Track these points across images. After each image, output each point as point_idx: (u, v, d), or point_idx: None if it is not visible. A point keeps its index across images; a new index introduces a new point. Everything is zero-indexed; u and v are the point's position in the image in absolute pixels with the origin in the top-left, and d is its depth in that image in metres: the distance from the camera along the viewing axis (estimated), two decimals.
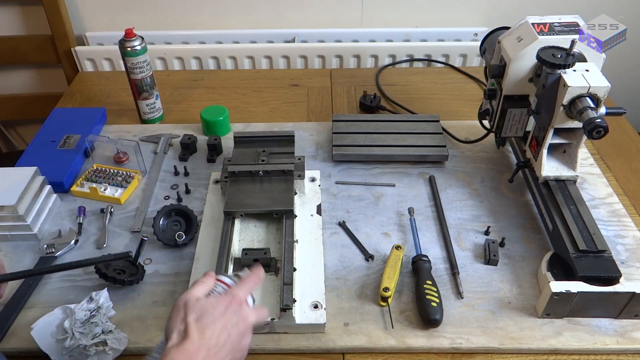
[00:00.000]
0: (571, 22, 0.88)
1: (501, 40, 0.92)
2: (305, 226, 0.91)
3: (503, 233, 0.91)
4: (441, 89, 1.33)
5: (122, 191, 0.99)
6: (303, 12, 1.49)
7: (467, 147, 1.10)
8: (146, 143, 1.13)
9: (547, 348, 0.74)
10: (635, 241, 0.89)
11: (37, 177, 0.94)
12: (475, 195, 0.99)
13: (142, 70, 1.11)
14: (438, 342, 0.75)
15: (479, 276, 0.84)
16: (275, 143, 1.02)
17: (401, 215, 0.95)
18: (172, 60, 1.48)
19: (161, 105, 1.21)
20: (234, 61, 1.49)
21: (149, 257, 0.88)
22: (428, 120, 1.14)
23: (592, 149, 1.11)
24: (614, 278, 0.75)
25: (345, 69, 1.48)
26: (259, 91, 1.33)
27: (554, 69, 0.80)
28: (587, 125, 0.75)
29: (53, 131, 1.11)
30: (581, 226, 0.81)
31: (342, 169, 1.05)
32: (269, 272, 0.82)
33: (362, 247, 0.89)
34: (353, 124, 1.13)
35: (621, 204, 0.96)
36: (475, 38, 1.50)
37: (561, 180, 0.89)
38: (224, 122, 1.14)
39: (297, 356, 0.75)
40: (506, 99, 0.93)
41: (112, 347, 0.72)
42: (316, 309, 0.77)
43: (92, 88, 1.36)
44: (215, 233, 0.89)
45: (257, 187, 0.92)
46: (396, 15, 1.50)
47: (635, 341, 0.74)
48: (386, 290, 0.78)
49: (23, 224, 0.89)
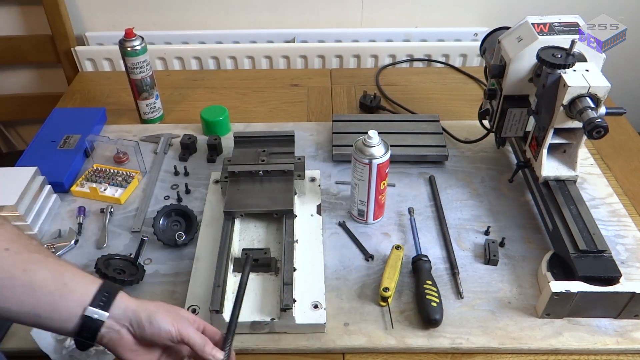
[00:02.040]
0: (571, 22, 0.88)
1: (501, 40, 0.92)
2: (305, 226, 0.91)
3: (503, 233, 0.91)
4: (441, 89, 1.33)
5: (122, 191, 0.99)
6: (303, 12, 1.49)
7: (467, 147, 1.10)
8: (146, 143, 1.13)
9: (547, 348, 0.74)
10: (635, 241, 0.89)
11: (37, 177, 0.94)
12: (475, 195, 0.99)
13: (142, 70, 1.11)
14: (438, 342, 0.75)
15: (479, 276, 0.84)
16: (275, 143, 1.02)
17: (401, 215, 0.95)
18: (172, 60, 1.48)
19: (161, 105, 1.21)
20: (234, 61, 1.49)
21: (149, 257, 0.88)
22: (428, 120, 1.14)
23: (592, 149, 1.11)
24: (614, 278, 0.75)
25: (345, 69, 1.48)
26: (259, 91, 1.33)
27: (554, 69, 0.80)
28: (587, 125, 0.75)
29: (53, 131, 1.11)
30: (581, 226, 0.81)
31: (342, 169, 1.05)
32: (269, 272, 0.82)
33: (362, 247, 0.89)
34: (353, 124, 1.13)
35: (621, 204, 0.96)
36: (475, 38, 1.50)
37: (561, 180, 0.89)
38: (224, 122, 1.14)
39: (297, 356, 0.75)
40: (506, 99, 0.93)
41: None
42: (316, 309, 0.77)
43: (92, 88, 1.36)
44: (215, 233, 0.89)
45: (257, 187, 0.92)
46: (396, 15, 1.50)
47: (635, 341, 0.74)
48: (386, 290, 0.78)
49: (23, 224, 0.89)
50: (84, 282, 0.58)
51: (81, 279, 0.59)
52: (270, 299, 0.78)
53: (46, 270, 0.57)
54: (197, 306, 0.77)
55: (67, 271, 0.58)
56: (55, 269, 0.57)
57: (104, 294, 0.58)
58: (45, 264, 0.57)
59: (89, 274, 0.60)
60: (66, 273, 0.58)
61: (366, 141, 0.84)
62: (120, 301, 0.58)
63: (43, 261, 0.57)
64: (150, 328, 0.59)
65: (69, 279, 0.57)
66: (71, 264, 0.60)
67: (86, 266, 0.86)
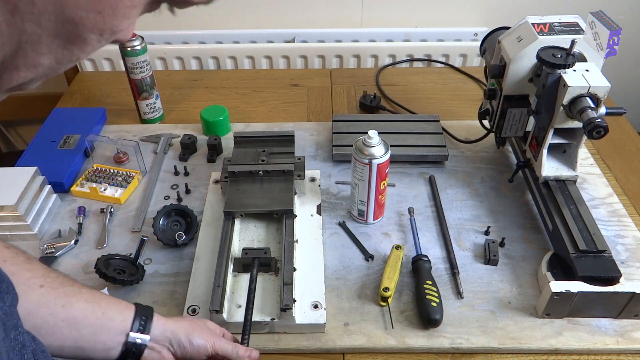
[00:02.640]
0: (571, 22, 0.88)
1: (501, 40, 0.92)
2: (305, 226, 0.91)
3: (503, 233, 0.91)
4: (441, 89, 1.33)
5: (122, 191, 0.99)
6: (303, 12, 1.49)
7: (467, 147, 1.10)
8: (146, 143, 1.13)
9: (547, 348, 0.74)
10: (635, 241, 0.89)
11: (37, 177, 0.94)
12: (475, 195, 0.99)
13: (142, 70, 1.11)
14: (438, 342, 0.75)
15: (479, 276, 0.84)
16: (275, 143, 1.02)
17: (401, 215, 0.95)
18: (172, 60, 1.48)
19: (161, 105, 1.21)
20: (234, 61, 1.49)
21: (149, 257, 0.88)
22: (428, 120, 1.14)
23: (592, 149, 1.11)
24: (614, 278, 0.75)
25: (345, 69, 1.48)
26: (259, 91, 1.33)
27: (554, 69, 0.80)
28: (587, 125, 0.75)
29: (53, 131, 1.11)
30: (581, 226, 0.81)
31: (342, 169, 1.05)
32: (269, 272, 0.82)
33: (362, 247, 0.89)
34: (353, 124, 1.13)
35: (621, 204, 0.96)
36: (475, 38, 1.50)
37: (561, 180, 0.89)
38: (224, 122, 1.14)
39: (297, 356, 0.75)
40: (506, 99, 0.93)
41: None
42: (316, 309, 0.77)
43: (92, 88, 1.36)
44: (215, 233, 0.89)
45: (257, 187, 0.92)
46: (396, 15, 1.50)
47: (635, 341, 0.74)
48: (386, 290, 0.78)
49: (23, 224, 0.89)
50: (120, 309, 0.60)
51: (117, 306, 0.61)
52: (270, 299, 0.78)
53: (83, 302, 0.58)
54: (197, 306, 0.78)
55: (102, 300, 0.60)
56: (91, 299, 0.59)
57: (142, 317, 0.61)
58: (81, 296, 0.58)
59: (121, 300, 0.62)
60: (102, 302, 0.59)
61: (366, 141, 0.84)
62: (157, 323, 0.61)
63: (77, 293, 0.58)
64: (190, 347, 0.62)
65: (106, 308, 0.59)
66: (102, 292, 0.62)
67: (86, 266, 0.86)
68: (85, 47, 0.34)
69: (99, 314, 0.58)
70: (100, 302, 0.59)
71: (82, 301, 0.58)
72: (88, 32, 0.33)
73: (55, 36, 0.32)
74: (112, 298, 0.62)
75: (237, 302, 0.78)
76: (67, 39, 0.33)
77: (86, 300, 0.58)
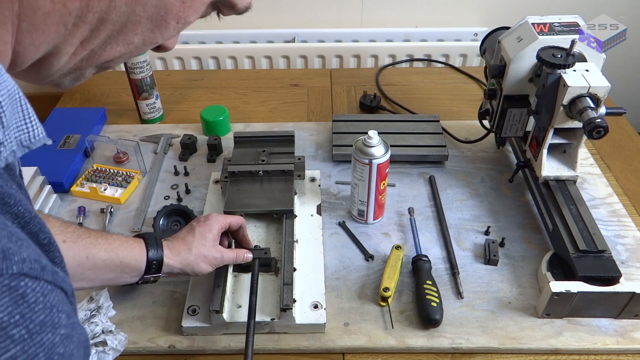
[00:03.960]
0: (571, 22, 0.88)
1: (501, 40, 0.92)
2: (305, 226, 0.91)
3: (503, 233, 0.91)
4: (441, 89, 1.33)
5: (122, 191, 0.99)
6: (303, 12, 1.49)
7: (467, 147, 1.10)
8: (146, 143, 1.13)
9: (547, 348, 0.74)
10: (635, 241, 0.89)
11: (37, 177, 0.94)
12: (475, 195, 0.99)
13: (142, 70, 1.11)
14: (438, 342, 0.75)
15: (479, 276, 0.84)
16: (275, 143, 1.02)
17: (401, 215, 0.95)
18: (172, 60, 1.48)
19: (161, 105, 1.21)
20: (234, 61, 1.49)
21: None
22: (428, 120, 1.14)
23: (592, 149, 1.11)
24: (614, 278, 0.75)
25: (345, 69, 1.48)
26: (259, 91, 1.33)
27: (554, 69, 0.80)
28: (587, 125, 0.75)
29: (53, 131, 1.11)
30: (581, 226, 0.81)
31: (342, 169, 1.05)
32: (269, 272, 0.82)
33: (362, 247, 0.89)
34: (353, 124, 1.13)
35: (621, 204, 0.96)
36: (475, 38, 1.50)
37: (561, 180, 0.89)
38: (224, 122, 1.14)
39: (297, 356, 0.75)
40: (506, 99, 0.93)
41: (112, 347, 0.72)
42: (316, 309, 0.77)
43: (92, 88, 1.36)
44: None
45: (257, 187, 0.92)
46: (396, 15, 1.50)
47: (635, 341, 0.74)
48: (386, 290, 0.78)
49: None
50: (134, 256, 0.68)
51: (132, 253, 0.68)
52: (270, 299, 0.78)
53: (103, 252, 0.66)
54: (197, 306, 0.77)
55: (118, 249, 0.67)
56: (109, 249, 0.66)
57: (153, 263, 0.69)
58: (100, 247, 0.66)
59: (133, 244, 0.69)
60: (119, 252, 0.67)
61: (366, 141, 0.84)
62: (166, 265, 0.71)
63: (96, 244, 0.65)
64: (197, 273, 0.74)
65: (123, 257, 0.67)
66: (114, 236, 0.69)
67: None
68: (165, 32, 0.41)
69: (117, 262, 0.67)
70: (117, 251, 0.67)
71: (102, 251, 0.65)
72: (172, 19, 0.40)
73: (149, 19, 0.39)
74: (125, 244, 0.68)
75: (238, 302, 0.78)
76: (156, 22, 0.39)
77: (105, 250, 0.66)
